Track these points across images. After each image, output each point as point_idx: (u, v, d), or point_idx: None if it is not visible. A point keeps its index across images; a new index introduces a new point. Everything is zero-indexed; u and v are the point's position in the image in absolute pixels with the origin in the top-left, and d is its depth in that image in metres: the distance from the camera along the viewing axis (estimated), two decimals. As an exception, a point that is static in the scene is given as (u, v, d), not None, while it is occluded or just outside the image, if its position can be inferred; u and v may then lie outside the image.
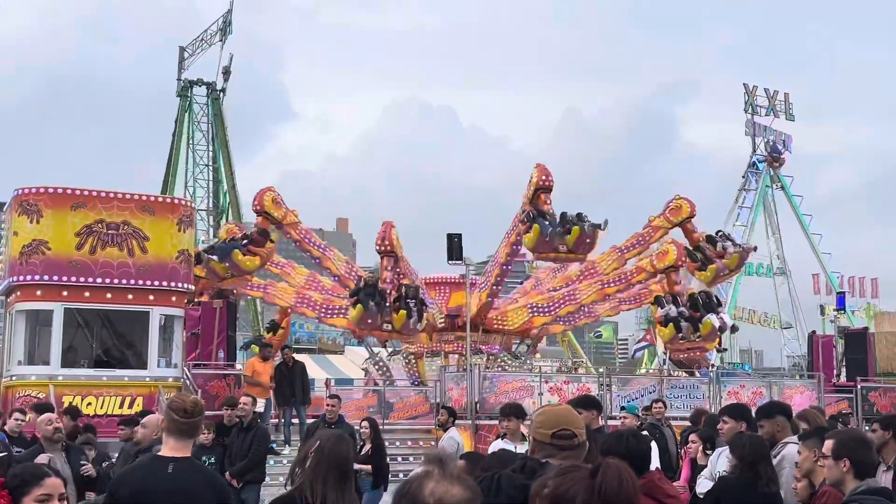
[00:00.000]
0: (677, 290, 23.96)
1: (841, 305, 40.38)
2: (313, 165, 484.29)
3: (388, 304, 21.73)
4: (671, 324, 23.32)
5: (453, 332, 25.37)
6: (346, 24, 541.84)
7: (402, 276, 23.32)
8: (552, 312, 25.20)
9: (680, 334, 23.23)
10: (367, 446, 13.39)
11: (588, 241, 22.65)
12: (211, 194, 61.25)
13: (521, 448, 7.35)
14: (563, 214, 22.69)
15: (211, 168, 62.42)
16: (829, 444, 5.12)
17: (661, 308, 23.75)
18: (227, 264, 22.49)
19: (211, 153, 62.51)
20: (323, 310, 24.88)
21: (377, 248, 23.11)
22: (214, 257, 22.59)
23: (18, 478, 4.10)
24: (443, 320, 25.45)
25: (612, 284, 25.03)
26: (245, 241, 23.07)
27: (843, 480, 4.96)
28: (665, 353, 27.03)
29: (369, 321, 21.90)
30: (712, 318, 23.12)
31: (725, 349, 30.35)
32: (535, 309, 25.47)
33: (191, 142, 62.01)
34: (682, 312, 23.29)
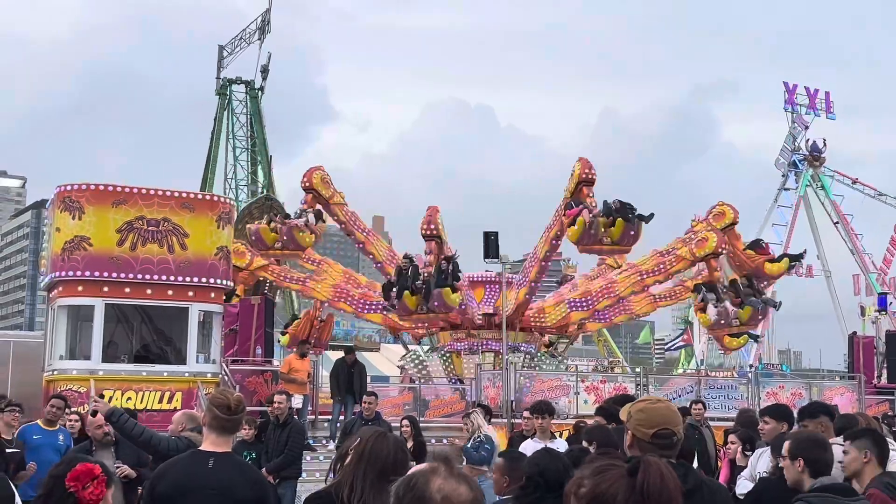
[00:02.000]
0: (717, 277, 23.48)
1: (882, 306, 39.87)
2: (350, 164, 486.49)
3: (417, 289, 21.42)
4: (706, 310, 22.90)
5: (490, 330, 25.29)
6: (386, 25, 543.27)
7: (347, 225, 23.75)
8: (590, 306, 24.99)
9: (716, 319, 22.73)
10: (409, 444, 13.43)
11: (633, 233, 22.35)
12: (249, 192, 61.67)
13: (551, 446, 7.33)
14: (605, 203, 22.36)
15: (249, 166, 62.86)
16: (786, 445, 5.36)
17: (699, 294, 23.33)
18: (283, 235, 22.09)
19: (249, 151, 62.96)
20: (360, 304, 24.95)
21: (423, 232, 22.83)
22: (266, 225, 22.43)
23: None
24: (481, 318, 25.42)
25: (650, 275, 24.63)
26: (303, 218, 22.68)
27: (800, 480, 5.15)
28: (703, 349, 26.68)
29: (397, 306, 21.77)
30: (753, 302, 22.71)
31: (759, 336, 29.46)
32: (572, 304, 25.33)
33: (229, 140, 62.50)
34: (721, 299, 22.87)
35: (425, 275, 21.64)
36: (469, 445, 12.26)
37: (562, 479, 4.30)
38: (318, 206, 23.39)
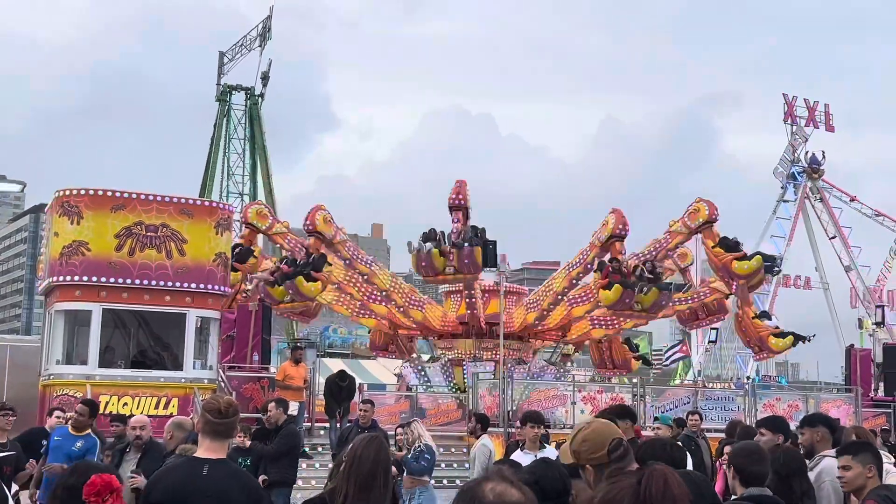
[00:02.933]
0: (622, 258, 22.68)
1: (880, 319, 39.92)
2: (352, 172, 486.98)
3: (451, 244, 21.81)
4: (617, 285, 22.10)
5: (491, 339, 25.32)
6: (389, 33, 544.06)
7: (351, 262, 23.93)
8: (538, 306, 25.24)
9: (627, 299, 22.32)
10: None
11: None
12: (247, 198, 61.71)
13: (541, 455, 7.32)
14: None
15: (247, 172, 62.89)
16: (726, 451, 5.77)
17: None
18: (290, 292, 21.86)
19: (248, 158, 63.02)
20: (357, 310, 24.99)
21: (451, 202, 22.85)
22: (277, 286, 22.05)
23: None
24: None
25: (574, 267, 24.46)
26: (307, 267, 22.17)
27: (734, 486, 5.30)
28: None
29: (424, 264, 22.02)
30: (655, 289, 22.27)
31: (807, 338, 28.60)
32: (528, 306, 25.74)
33: (229, 146, 62.58)
34: (624, 281, 22.08)
35: (458, 235, 21.75)
36: (409, 456, 12.26)
37: (558, 489, 4.30)
38: (322, 250, 23.12)
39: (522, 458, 8.12)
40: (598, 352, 28.08)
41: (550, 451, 9.29)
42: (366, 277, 24.89)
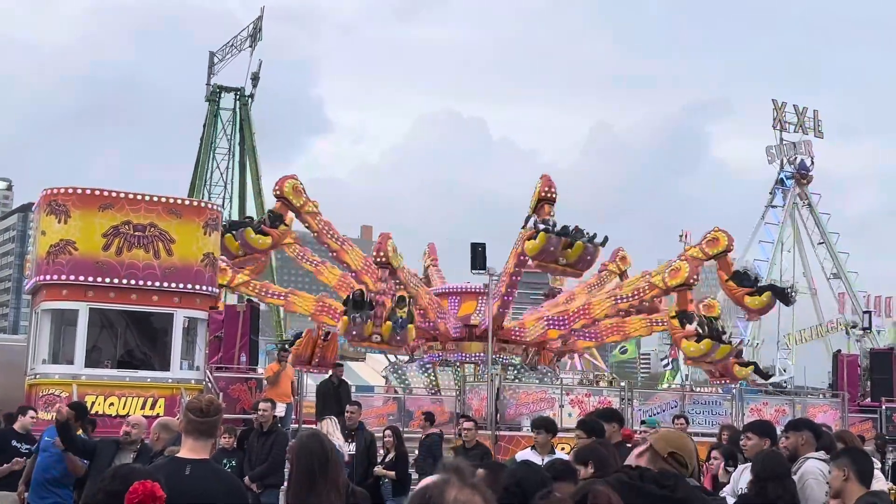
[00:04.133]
0: (691, 310, 23.71)
1: (867, 325, 40.07)
2: (344, 174, 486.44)
3: (378, 316, 21.61)
4: (707, 339, 22.93)
5: (469, 341, 25.38)
6: (382, 38, 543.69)
7: (402, 286, 23.21)
8: (566, 326, 25.18)
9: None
10: (391, 454, 13.42)
11: (589, 258, 22.92)
12: (237, 198, 61.62)
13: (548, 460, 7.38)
14: (565, 227, 22.75)
15: (235, 173, 62.76)
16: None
17: (689, 323, 23.42)
18: (239, 242, 22.82)
19: (237, 159, 62.89)
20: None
21: (374, 259, 23.04)
22: (229, 233, 23.04)
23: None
24: (458, 330, 25.51)
25: (625, 300, 24.90)
26: (258, 222, 23.53)
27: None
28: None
29: (354, 332, 21.90)
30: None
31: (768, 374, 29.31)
32: (550, 321, 25.53)
33: (214, 146, 62.43)
34: (714, 331, 23.01)
35: (381, 304, 21.74)
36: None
37: (539, 492, 4.30)
38: (280, 212, 24.00)
39: (532, 457, 8.55)
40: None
41: (558, 455, 9.49)
42: (334, 254, 24.86)
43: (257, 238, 23.14)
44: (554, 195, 24.11)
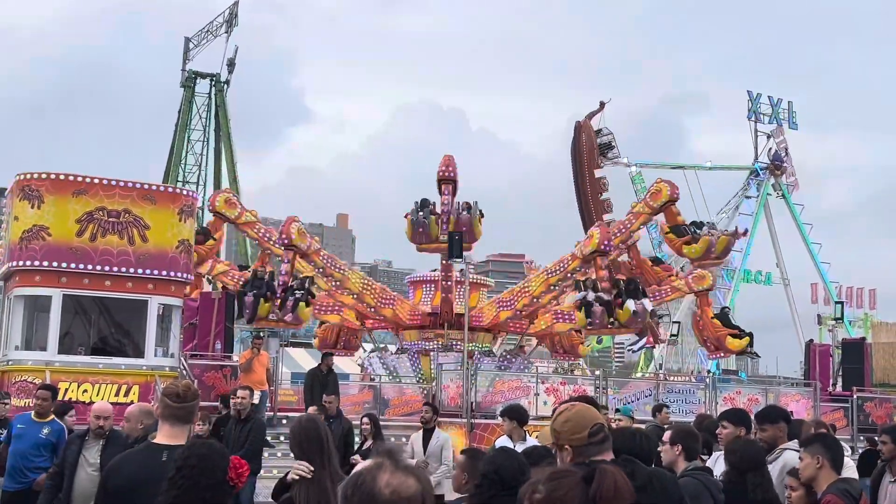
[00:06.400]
0: (602, 275, 23.37)
1: (839, 315, 40.39)
2: (322, 163, 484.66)
3: (277, 296, 22.05)
4: (583, 308, 23.00)
5: (433, 329, 25.43)
6: (362, 28, 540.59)
7: (322, 270, 23.93)
8: (512, 306, 25.23)
9: (589, 319, 22.83)
10: (369, 442, 13.43)
11: (639, 320, 22.95)
12: (211, 185, 61.22)
13: (521, 447, 7.39)
14: (616, 284, 22.90)
15: (210, 159, 62.38)
16: (667, 434, 6.38)
17: (580, 292, 23.39)
18: (277, 310, 22.54)
19: (213, 145, 62.52)
20: (317, 307, 24.84)
21: (440, 175, 23.91)
22: None
23: None
24: (412, 318, 25.64)
25: (553, 273, 24.79)
26: (305, 294, 23.01)
27: (675, 461, 6.07)
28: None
29: (248, 311, 22.09)
30: (630, 304, 22.74)
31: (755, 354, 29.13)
32: (500, 303, 25.67)
33: (190, 132, 62.01)
34: (599, 297, 22.82)
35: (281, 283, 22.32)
36: None
37: (517, 478, 4.31)
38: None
39: (508, 444, 8.53)
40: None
41: (532, 442, 9.54)
42: (338, 283, 24.73)
43: (307, 311, 22.98)
44: (610, 249, 23.86)
